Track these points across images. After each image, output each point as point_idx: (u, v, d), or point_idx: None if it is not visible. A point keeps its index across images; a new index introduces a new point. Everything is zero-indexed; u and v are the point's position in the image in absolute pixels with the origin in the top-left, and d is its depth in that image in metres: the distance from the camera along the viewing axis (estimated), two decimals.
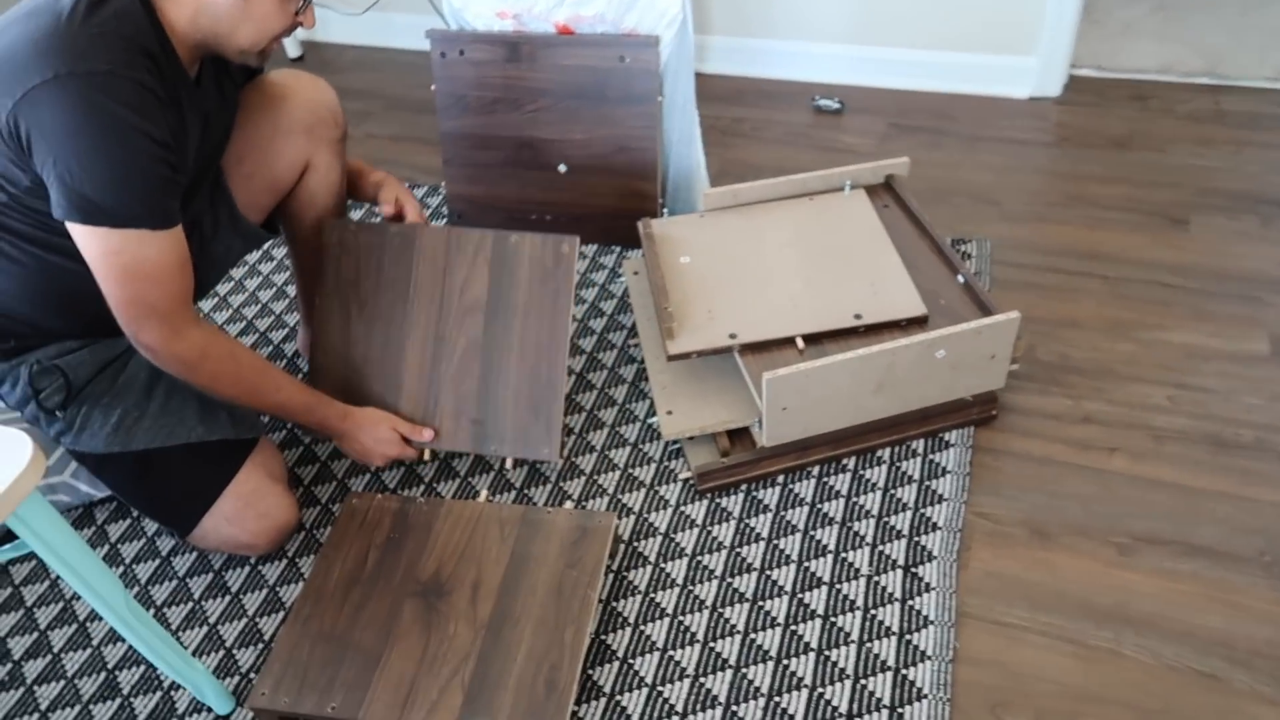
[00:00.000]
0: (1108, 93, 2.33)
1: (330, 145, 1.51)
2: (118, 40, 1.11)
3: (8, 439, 0.89)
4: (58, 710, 1.28)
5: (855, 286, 1.50)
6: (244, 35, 1.23)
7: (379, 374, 1.52)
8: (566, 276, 1.48)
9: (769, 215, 1.66)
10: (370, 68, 2.74)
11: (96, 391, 1.32)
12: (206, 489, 1.35)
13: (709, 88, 2.46)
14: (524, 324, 1.48)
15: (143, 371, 1.36)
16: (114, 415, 1.32)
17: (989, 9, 2.24)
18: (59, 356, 1.31)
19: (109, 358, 1.34)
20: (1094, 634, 1.26)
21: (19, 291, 1.25)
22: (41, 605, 1.41)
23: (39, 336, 1.30)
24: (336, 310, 1.54)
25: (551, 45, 1.81)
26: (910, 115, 2.32)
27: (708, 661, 1.26)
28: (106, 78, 1.09)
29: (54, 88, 1.07)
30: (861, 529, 1.40)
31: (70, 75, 1.07)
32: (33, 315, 1.28)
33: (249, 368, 1.33)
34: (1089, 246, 1.88)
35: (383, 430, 1.45)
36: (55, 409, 1.30)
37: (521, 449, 1.48)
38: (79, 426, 1.31)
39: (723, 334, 1.44)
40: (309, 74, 1.51)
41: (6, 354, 1.30)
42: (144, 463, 1.33)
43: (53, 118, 1.08)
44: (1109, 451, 1.49)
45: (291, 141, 1.47)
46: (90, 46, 1.09)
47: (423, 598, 1.28)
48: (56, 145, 1.09)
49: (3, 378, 1.31)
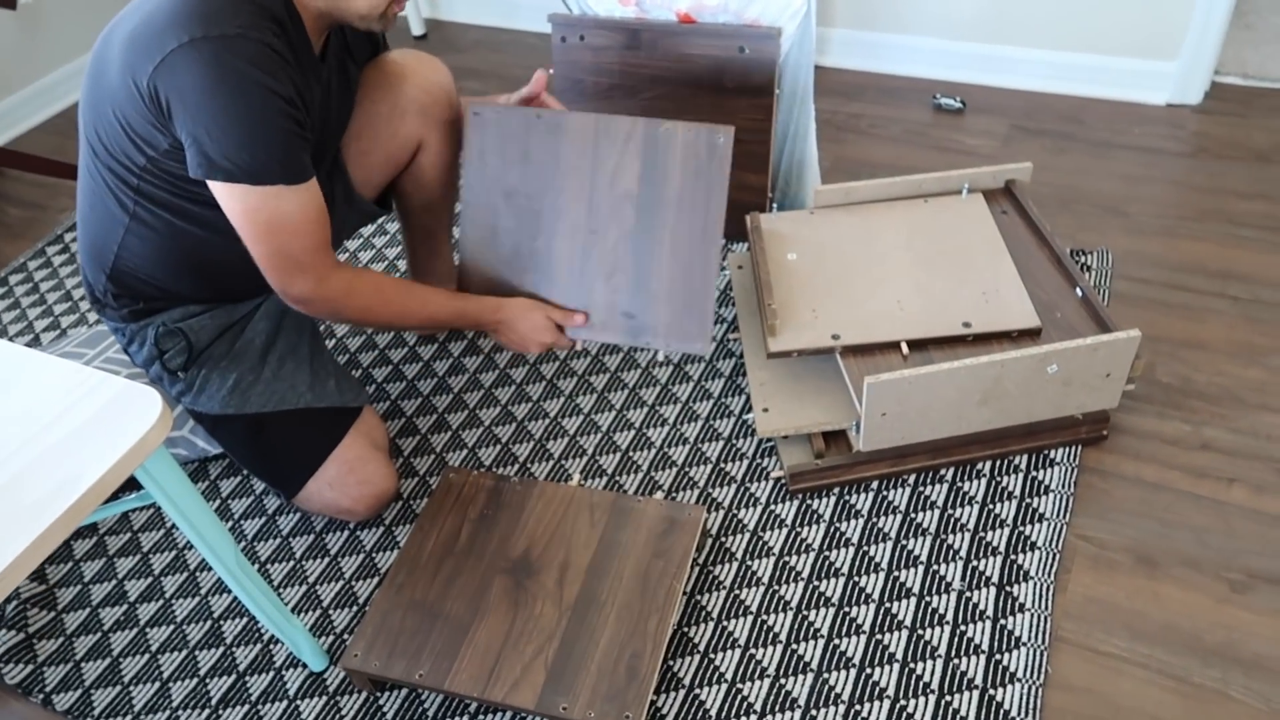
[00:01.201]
0: (1253, 102, 2.20)
1: (443, 125, 1.54)
2: (245, 5, 1.15)
3: (139, 395, 0.93)
4: (166, 653, 1.36)
5: (966, 293, 1.46)
6: (360, 2, 1.25)
7: (529, 267, 1.49)
8: (720, 170, 1.42)
9: (881, 216, 1.63)
10: (491, 48, 2.78)
11: (215, 355, 1.39)
12: (313, 454, 1.40)
13: (827, 81, 2.42)
14: (677, 217, 1.44)
15: (259, 338, 1.42)
16: (230, 379, 1.38)
17: (1132, 10, 2.14)
18: (183, 320, 1.37)
19: (228, 322, 1.40)
20: (1200, 672, 1.20)
21: (152, 255, 1.32)
22: (156, 552, 1.49)
23: (166, 299, 1.37)
24: (483, 200, 1.50)
25: (672, 34, 1.80)
26: (1035, 117, 2.23)
27: (789, 663, 1.25)
28: (237, 39, 1.13)
29: (188, 51, 1.11)
30: (955, 542, 1.37)
31: (204, 39, 1.11)
32: (162, 279, 1.34)
33: (394, 293, 1.38)
34: (1221, 264, 1.78)
35: (536, 317, 1.45)
36: (178, 370, 1.37)
37: (674, 342, 1.46)
38: (198, 388, 1.38)
39: (825, 334, 1.43)
40: (427, 54, 1.55)
41: (136, 315, 1.37)
42: (256, 425, 1.39)
43: (188, 81, 1.12)
44: (1228, 482, 1.42)
45: (407, 121, 1.50)
46: (221, 11, 1.13)
47: (512, 575, 1.30)
48: (193, 107, 1.13)
49: (131, 338, 1.39)
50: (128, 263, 1.32)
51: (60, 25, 2.65)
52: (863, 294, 1.49)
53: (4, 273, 2.10)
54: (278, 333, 1.44)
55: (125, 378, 0.96)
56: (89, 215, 1.33)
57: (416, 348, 1.79)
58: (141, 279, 1.34)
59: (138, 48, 1.14)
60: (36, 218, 2.28)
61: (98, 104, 1.22)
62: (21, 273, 2.09)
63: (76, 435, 0.91)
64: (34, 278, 2.07)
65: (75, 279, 2.05)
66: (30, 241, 2.21)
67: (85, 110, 1.26)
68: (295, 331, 1.46)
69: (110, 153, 1.24)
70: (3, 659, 1.36)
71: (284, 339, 1.44)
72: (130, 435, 0.90)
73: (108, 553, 1.50)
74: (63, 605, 1.43)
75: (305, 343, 1.46)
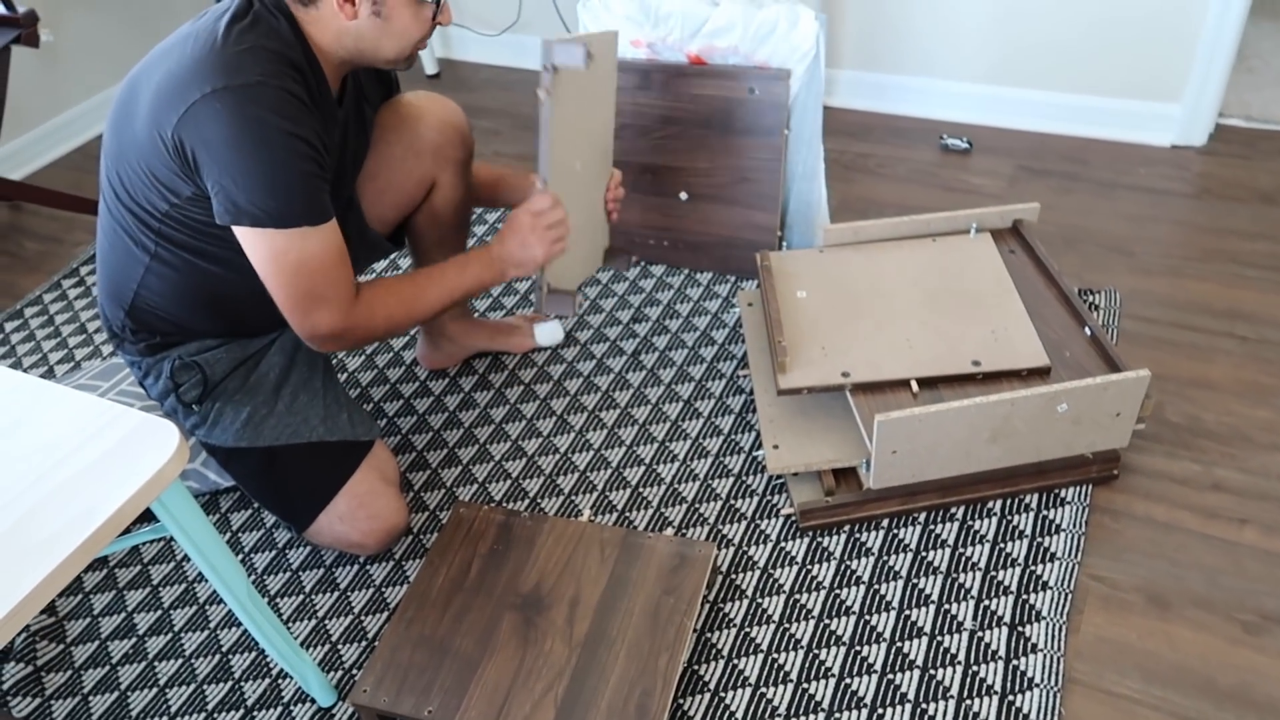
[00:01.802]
0: (1258, 144, 2.23)
1: (456, 165, 1.57)
2: (265, 54, 1.18)
3: (157, 428, 0.94)
4: (175, 686, 1.35)
5: (975, 332, 1.47)
6: (388, 48, 1.29)
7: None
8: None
9: (889, 254, 1.64)
10: (502, 87, 2.82)
11: (230, 388, 1.40)
12: (324, 487, 1.41)
13: (835, 121, 2.45)
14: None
15: (273, 371, 1.43)
16: (244, 412, 1.39)
17: (1135, 53, 2.17)
18: (199, 354, 1.39)
19: (243, 357, 1.41)
20: (1214, 715, 1.19)
21: (171, 293, 1.33)
22: (166, 585, 1.49)
23: (182, 334, 1.38)
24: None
25: (683, 75, 1.83)
26: (1041, 158, 2.26)
27: (800, 702, 1.25)
28: (258, 87, 1.15)
29: (211, 101, 1.14)
30: (967, 581, 1.36)
31: (225, 89, 1.14)
32: (180, 315, 1.36)
33: (408, 288, 1.36)
34: (1227, 304, 1.79)
35: (522, 218, 1.38)
36: (192, 403, 1.38)
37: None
38: (212, 421, 1.39)
39: (835, 371, 1.43)
40: (440, 95, 1.57)
41: (153, 349, 1.38)
42: (269, 458, 1.40)
43: (212, 131, 1.15)
44: (1239, 523, 1.41)
45: (422, 161, 1.53)
46: (241, 62, 1.16)
47: (521, 611, 1.30)
48: (218, 156, 1.16)
49: (147, 371, 1.40)
50: (147, 300, 1.34)
51: (78, 63, 2.69)
52: (872, 331, 1.49)
53: (20, 305, 2.12)
54: (291, 367, 1.45)
55: (140, 410, 0.97)
56: (109, 253, 1.34)
57: (428, 382, 1.80)
58: (160, 315, 1.36)
59: (162, 100, 1.17)
60: (52, 251, 2.31)
61: (121, 151, 1.24)
62: (37, 305, 2.11)
63: (95, 467, 0.92)
64: (49, 310, 2.09)
65: (90, 312, 2.07)
66: (46, 275, 2.23)
67: (108, 155, 1.28)
68: (308, 366, 1.47)
69: (132, 197, 1.26)
70: (11, 692, 1.35)
71: (297, 373, 1.45)
72: (148, 468, 0.91)
73: (118, 585, 1.50)
74: (72, 638, 1.43)
75: (319, 376, 1.47)
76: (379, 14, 1.25)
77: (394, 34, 1.28)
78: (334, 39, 1.26)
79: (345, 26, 1.25)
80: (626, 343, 1.84)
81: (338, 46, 1.27)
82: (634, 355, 1.81)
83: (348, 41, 1.26)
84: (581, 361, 1.81)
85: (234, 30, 1.18)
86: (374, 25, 1.26)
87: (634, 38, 1.85)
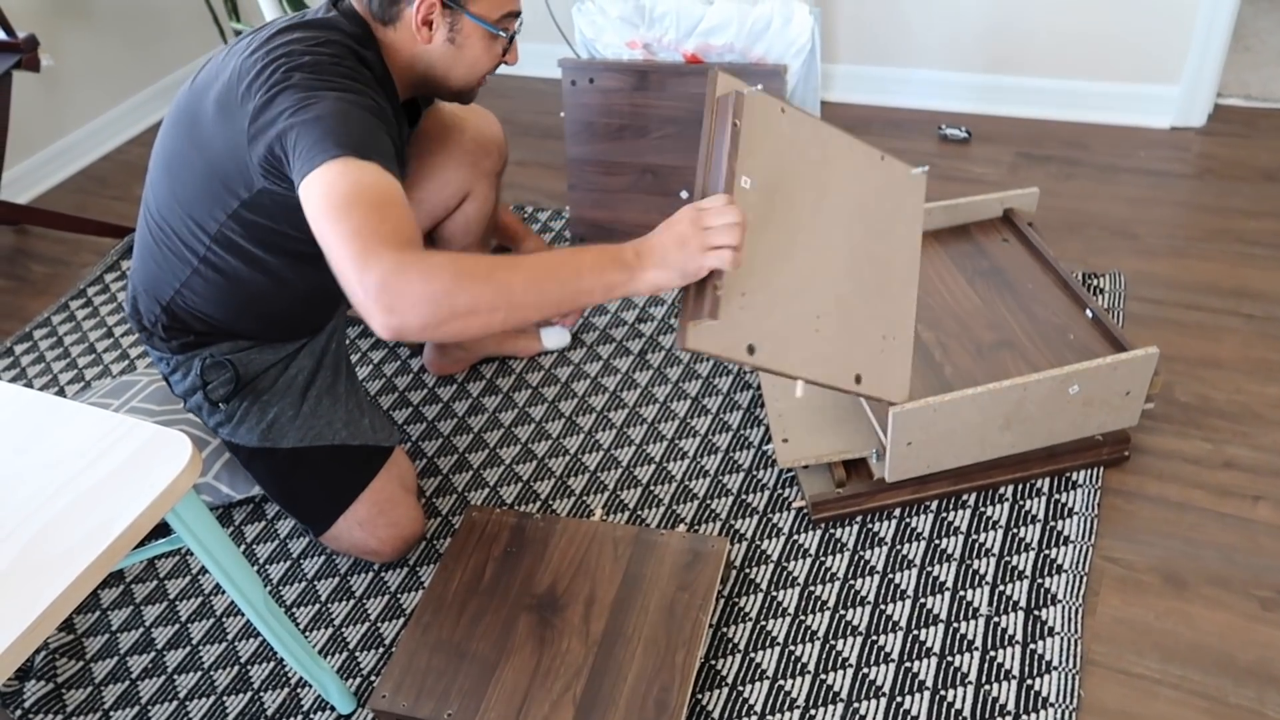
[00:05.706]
0: (1257, 123, 2.22)
1: (489, 177, 1.60)
2: (350, 59, 1.21)
3: (170, 440, 0.95)
4: (195, 699, 1.36)
5: (871, 331, 1.31)
6: (457, 76, 1.33)
7: None
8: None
9: (841, 162, 1.32)
10: (500, 94, 2.83)
11: (259, 388, 1.40)
12: (345, 491, 1.42)
13: (834, 116, 2.46)
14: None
15: (301, 374, 1.44)
16: (270, 413, 1.40)
17: (1131, 36, 2.17)
18: (231, 353, 1.39)
19: (275, 359, 1.42)
20: (1233, 692, 1.19)
21: (214, 296, 1.34)
22: (182, 599, 1.50)
23: (217, 334, 1.39)
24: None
25: (680, 74, 1.84)
26: (1041, 145, 2.26)
27: (819, 693, 1.25)
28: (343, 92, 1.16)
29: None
30: (981, 567, 1.36)
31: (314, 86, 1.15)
32: (219, 316, 1.36)
33: (487, 262, 1.07)
34: (1233, 283, 1.79)
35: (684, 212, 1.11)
36: (220, 400, 1.39)
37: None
38: (237, 420, 1.40)
39: (743, 342, 1.17)
40: (480, 107, 1.59)
41: (185, 346, 1.39)
42: (291, 460, 1.40)
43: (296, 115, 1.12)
44: (1253, 500, 1.41)
45: (459, 171, 1.56)
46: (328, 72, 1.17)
47: (537, 612, 1.30)
48: (292, 118, 1.11)
49: (175, 367, 1.40)
50: (187, 300, 1.35)
51: (80, 87, 2.71)
52: (792, 289, 1.24)
53: (29, 328, 2.13)
54: (318, 370, 1.46)
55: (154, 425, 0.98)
56: (154, 250, 1.34)
57: (436, 388, 1.80)
58: (198, 315, 1.36)
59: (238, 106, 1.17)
60: (59, 274, 2.32)
61: (185, 154, 1.25)
62: (45, 327, 2.12)
63: (109, 481, 0.92)
64: (58, 332, 2.10)
65: (98, 332, 2.08)
66: (54, 297, 2.24)
67: (168, 160, 1.28)
68: (333, 370, 1.48)
69: (193, 199, 1.26)
70: (33, 709, 1.36)
71: (322, 377, 1.46)
72: (162, 479, 0.92)
73: (135, 600, 1.50)
74: (91, 654, 1.44)
75: (343, 380, 1.48)
76: (454, 41, 1.29)
77: (465, 63, 1.32)
78: (408, 61, 1.30)
79: (419, 51, 1.28)
80: (632, 342, 1.84)
81: (410, 69, 1.31)
82: (639, 355, 1.81)
83: (420, 66, 1.31)
84: (588, 363, 1.81)
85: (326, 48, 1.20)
86: (447, 52, 1.30)
87: (630, 39, 1.86)
